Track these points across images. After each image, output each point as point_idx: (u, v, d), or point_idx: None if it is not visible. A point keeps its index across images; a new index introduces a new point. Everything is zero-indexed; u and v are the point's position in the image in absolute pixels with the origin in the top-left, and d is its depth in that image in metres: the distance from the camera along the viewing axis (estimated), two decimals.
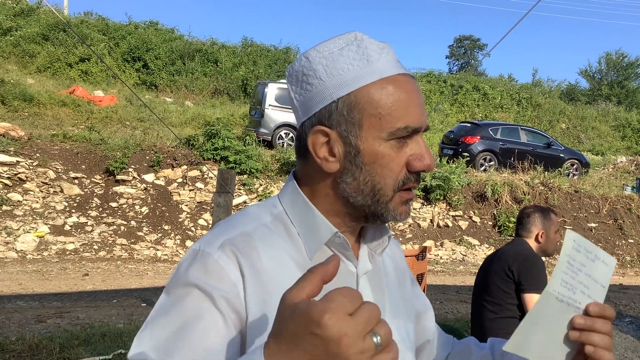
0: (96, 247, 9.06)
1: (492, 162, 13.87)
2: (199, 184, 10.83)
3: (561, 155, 14.53)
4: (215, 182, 5.75)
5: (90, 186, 10.26)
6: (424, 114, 0.83)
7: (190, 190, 10.69)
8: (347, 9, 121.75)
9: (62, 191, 9.93)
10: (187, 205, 10.43)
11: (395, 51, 0.85)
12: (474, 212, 11.91)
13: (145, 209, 10.12)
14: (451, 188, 11.60)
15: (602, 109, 26.63)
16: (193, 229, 10.00)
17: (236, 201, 10.20)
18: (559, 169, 13.51)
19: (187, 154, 11.18)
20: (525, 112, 24.78)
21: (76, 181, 10.24)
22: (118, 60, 20.34)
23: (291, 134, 13.42)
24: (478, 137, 13.95)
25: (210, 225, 9.24)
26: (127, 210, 10.02)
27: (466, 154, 13.02)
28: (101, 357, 3.94)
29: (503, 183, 12.22)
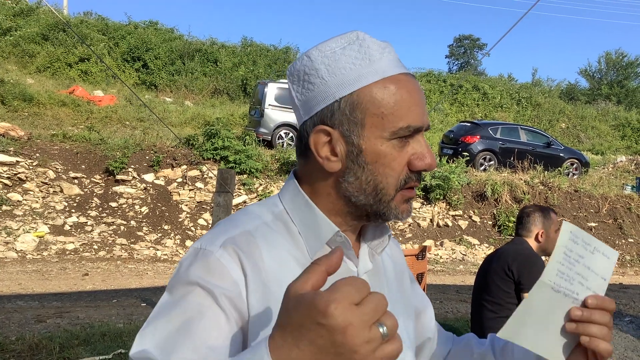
0: (96, 247, 9.06)
1: (492, 162, 13.86)
2: (199, 184, 10.83)
3: (561, 154, 14.52)
4: (215, 182, 5.75)
5: (90, 186, 10.26)
6: (425, 114, 0.83)
7: (190, 190, 10.69)
8: (347, 9, 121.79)
9: (62, 191, 9.93)
10: (187, 205, 10.42)
11: (395, 51, 0.85)
12: (474, 212, 11.91)
13: (145, 209, 10.12)
14: (451, 187, 11.60)
15: (602, 109, 26.64)
16: (193, 229, 10.00)
17: (236, 201, 10.20)
18: (559, 169, 13.51)
19: (187, 154, 11.17)
20: (525, 112, 24.78)
21: (76, 181, 10.23)
22: (118, 60, 20.32)
23: (291, 134, 13.41)
24: (478, 137, 13.95)
25: (210, 225, 9.24)
26: (127, 210, 10.02)
27: (466, 154, 13.02)
28: (101, 357, 3.94)
29: (503, 182, 12.22)
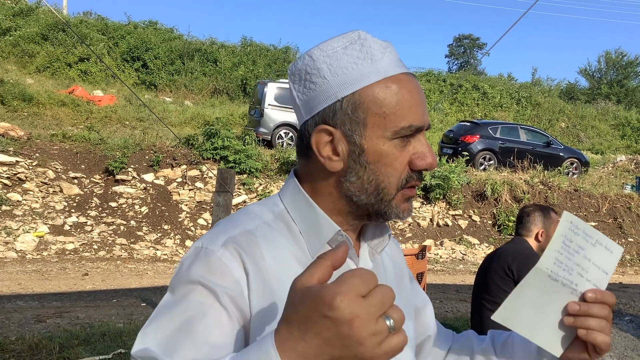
0: (96, 247, 9.06)
1: (492, 161, 13.87)
2: (199, 184, 10.83)
3: (561, 154, 14.52)
4: (214, 182, 5.74)
5: (89, 186, 10.25)
6: (426, 113, 0.84)
7: (189, 189, 10.69)
8: (347, 9, 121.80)
9: (62, 191, 9.93)
10: (187, 204, 10.42)
11: (396, 50, 0.85)
12: (474, 211, 11.91)
13: (144, 209, 10.12)
14: (451, 187, 11.61)
15: (602, 108, 26.64)
16: (193, 229, 9.99)
17: (236, 201, 10.20)
18: (559, 168, 13.51)
19: (187, 154, 11.17)
20: (524, 111, 24.79)
21: (75, 181, 10.23)
22: (117, 60, 20.31)
23: (291, 134, 13.41)
24: (477, 136, 13.95)
25: (210, 224, 9.24)
26: (127, 210, 10.02)
27: (466, 153, 13.02)
28: (101, 357, 3.94)
29: (503, 182, 12.22)
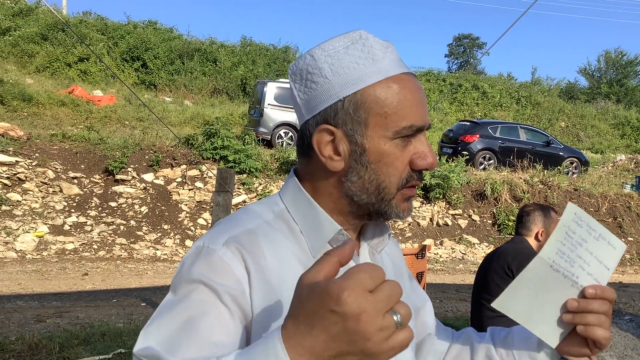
0: (96, 247, 9.06)
1: (492, 161, 13.87)
2: (198, 183, 10.83)
3: (560, 153, 14.53)
4: (214, 182, 5.74)
5: (89, 186, 10.25)
6: (427, 113, 0.84)
7: (189, 189, 10.69)
8: (346, 8, 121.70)
9: (62, 191, 9.93)
10: (187, 204, 10.42)
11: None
12: (474, 211, 11.91)
13: (144, 209, 10.12)
14: (451, 187, 11.60)
15: (602, 107, 26.64)
16: (192, 229, 9.99)
17: (235, 200, 10.20)
18: (559, 168, 13.51)
19: (187, 154, 11.17)
20: (524, 111, 24.78)
21: (75, 181, 10.23)
22: (117, 59, 20.29)
23: (290, 133, 13.40)
24: (477, 136, 13.95)
25: (209, 224, 9.24)
26: (127, 209, 10.02)
27: (465, 153, 13.03)
28: (101, 357, 3.94)
29: (502, 181, 12.22)
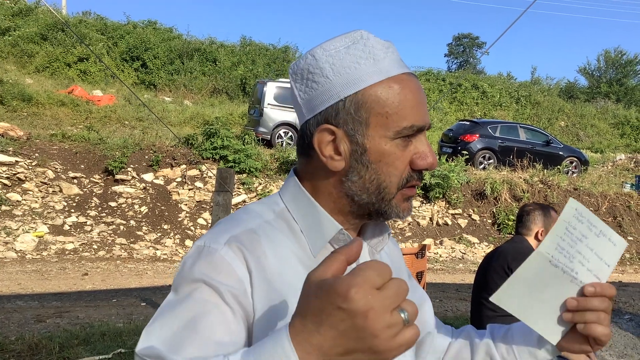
0: (95, 247, 9.06)
1: (491, 160, 13.87)
2: (198, 183, 10.82)
3: (560, 153, 14.53)
4: (214, 181, 5.74)
5: (89, 186, 10.25)
6: (427, 113, 0.84)
7: (189, 189, 10.68)
8: (346, 8, 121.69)
9: (61, 191, 9.92)
10: (187, 204, 10.42)
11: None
12: (473, 210, 11.91)
13: (144, 209, 10.11)
14: (450, 186, 11.60)
15: (601, 107, 26.64)
16: (192, 228, 9.99)
17: (235, 200, 10.20)
18: (558, 167, 13.52)
19: (186, 153, 11.17)
20: (524, 110, 24.79)
21: (75, 181, 10.22)
22: (117, 59, 20.29)
23: (290, 133, 13.40)
24: (477, 135, 13.95)
25: (209, 224, 9.23)
26: (126, 209, 10.01)
27: (465, 152, 13.03)
28: (101, 357, 3.94)
29: (502, 181, 12.22)
